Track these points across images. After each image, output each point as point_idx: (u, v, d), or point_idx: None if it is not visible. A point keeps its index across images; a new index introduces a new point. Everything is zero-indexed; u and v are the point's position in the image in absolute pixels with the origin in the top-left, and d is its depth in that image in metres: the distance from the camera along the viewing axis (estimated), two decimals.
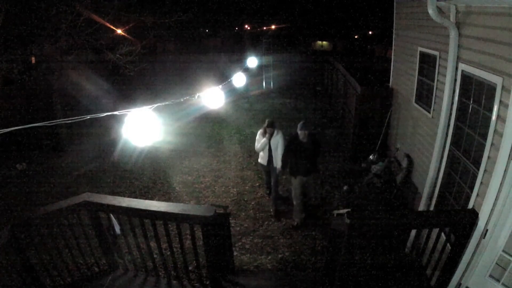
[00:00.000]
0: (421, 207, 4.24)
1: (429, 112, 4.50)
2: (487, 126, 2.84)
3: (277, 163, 4.93)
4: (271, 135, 4.94)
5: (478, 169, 2.94)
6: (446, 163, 3.77)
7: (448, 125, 3.71)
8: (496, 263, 2.66)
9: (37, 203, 5.57)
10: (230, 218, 4.58)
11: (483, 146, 2.89)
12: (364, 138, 6.94)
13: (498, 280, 2.66)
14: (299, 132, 4.51)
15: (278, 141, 4.93)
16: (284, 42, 35.52)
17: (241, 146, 8.30)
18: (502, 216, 2.54)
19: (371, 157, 6.60)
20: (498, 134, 2.64)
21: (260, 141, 5.06)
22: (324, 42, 42.37)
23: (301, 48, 38.03)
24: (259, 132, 5.10)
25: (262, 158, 5.23)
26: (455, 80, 3.54)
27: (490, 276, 2.71)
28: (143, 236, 3.06)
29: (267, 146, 4.99)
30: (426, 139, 4.61)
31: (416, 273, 3.21)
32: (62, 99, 8.52)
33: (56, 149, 8.13)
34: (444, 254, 2.96)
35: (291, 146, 4.67)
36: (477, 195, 2.91)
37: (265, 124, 4.96)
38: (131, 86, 13.65)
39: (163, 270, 3.40)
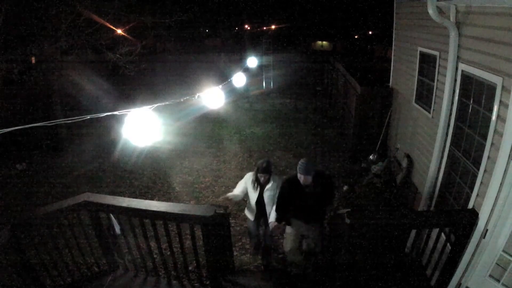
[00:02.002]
0: (421, 207, 4.24)
1: (429, 112, 4.50)
2: (487, 126, 2.84)
3: (271, 216, 3.51)
4: (264, 185, 3.48)
5: (478, 169, 2.94)
6: (446, 163, 3.77)
7: (448, 125, 3.71)
8: (496, 263, 2.66)
9: (37, 203, 5.57)
10: (230, 218, 4.58)
11: (483, 146, 2.89)
12: (364, 138, 6.94)
13: (498, 280, 2.66)
14: (299, 176, 3.12)
15: (274, 192, 3.47)
16: (284, 42, 35.49)
17: (241, 146, 8.29)
18: (502, 216, 2.54)
19: (371, 157, 6.61)
20: (498, 134, 2.65)
21: (242, 186, 3.59)
22: (324, 42, 42.33)
23: (301, 48, 37.99)
24: (248, 176, 3.61)
25: (249, 211, 3.75)
26: (455, 80, 3.54)
27: (490, 276, 2.71)
28: (143, 236, 3.07)
29: (257, 196, 3.56)
30: (426, 139, 4.61)
31: (416, 273, 3.21)
32: (62, 99, 8.52)
33: (56, 149, 8.13)
34: (444, 254, 2.96)
35: (288, 193, 3.28)
36: (477, 195, 2.91)
37: (257, 168, 3.43)
38: (131, 86, 13.65)
39: (163, 270, 3.40)
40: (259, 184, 3.52)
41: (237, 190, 3.62)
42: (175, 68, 20.43)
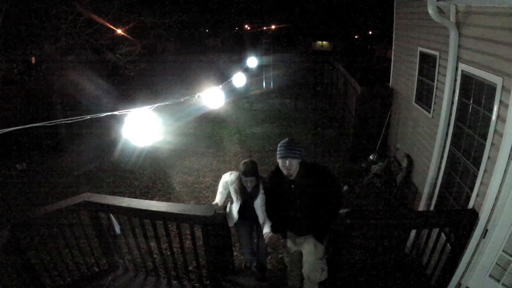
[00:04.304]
0: (421, 207, 4.24)
1: (429, 112, 4.50)
2: (487, 126, 2.84)
3: (266, 226, 2.74)
4: (254, 194, 2.87)
5: (478, 169, 2.94)
6: (446, 163, 3.77)
7: (448, 125, 3.71)
8: (496, 263, 2.66)
9: (37, 203, 5.57)
10: None
11: (483, 146, 2.89)
12: (364, 138, 6.94)
13: (498, 280, 2.66)
14: (279, 162, 2.43)
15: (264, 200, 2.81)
16: (284, 42, 35.54)
17: (241, 146, 8.29)
18: (502, 216, 2.54)
19: (371, 157, 6.60)
20: (498, 134, 2.64)
21: (223, 193, 3.07)
22: (324, 42, 42.34)
23: (301, 48, 38.02)
24: (225, 178, 3.04)
25: (229, 216, 3.09)
26: (455, 80, 3.54)
27: (490, 276, 2.71)
28: (143, 236, 3.07)
29: (238, 207, 2.98)
30: (426, 139, 4.61)
31: (416, 273, 3.21)
32: (62, 99, 8.53)
33: (56, 149, 8.13)
34: (444, 254, 2.96)
35: (272, 192, 2.64)
36: (477, 195, 2.91)
37: (240, 171, 2.84)
38: (131, 86, 13.66)
39: (163, 270, 3.40)
40: (247, 195, 2.89)
41: (217, 200, 3.07)
42: (175, 68, 20.47)
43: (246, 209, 2.94)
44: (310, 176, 2.45)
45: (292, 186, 2.49)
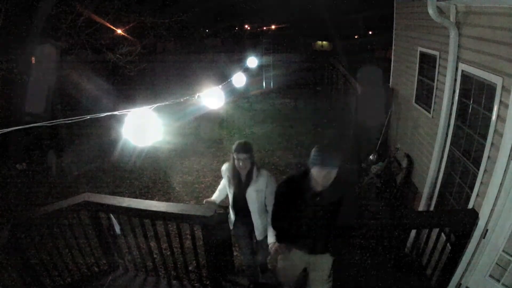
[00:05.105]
0: (421, 207, 4.24)
1: (429, 112, 4.50)
2: (487, 126, 2.84)
3: (269, 235, 2.63)
4: (247, 180, 2.67)
5: (478, 169, 2.94)
6: (446, 163, 3.77)
7: (448, 125, 3.71)
8: (496, 263, 2.66)
9: (37, 203, 5.57)
10: None
11: (483, 146, 2.89)
12: (364, 138, 6.94)
13: (498, 280, 2.66)
14: (316, 170, 2.03)
15: (262, 192, 2.60)
16: (284, 42, 35.50)
17: None
18: (502, 216, 2.54)
19: (371, 157, 6.60)
20: (498, 134, 2.65)
21: (221, 190, 2.98)
22: (324, 42, 42.30)
23: (301, 48, 37.98)
24: (225, 167, 2.88)
25: (229, 218, 2.96)
26: (455, 80, 3.54)
27: (490, 276, 2.71)
28: (143, 236, 3.07)
29: (232, 195, 2.77)
30: (426, 139, 4.61)
31: (416, 273, 3.21)
32: (62, 99, 8.52)
33: (56, 149, 8.13)
34: (444, 254, 2.96)
35: (287, 200, 2.24)
36: (477, 195, 2.91)
37: (233, 148, 2.72)
38: (131, 86, 13.65)
39: (163, 270, 3.40)
40: (240, 182, 2.69)
41: (214, 196, 3.02)
42: (175, 68, 20.46)
43: (240, 202, 2.73)
44: (339, 188, 2.13)
45: (318, 198, 2.12)
